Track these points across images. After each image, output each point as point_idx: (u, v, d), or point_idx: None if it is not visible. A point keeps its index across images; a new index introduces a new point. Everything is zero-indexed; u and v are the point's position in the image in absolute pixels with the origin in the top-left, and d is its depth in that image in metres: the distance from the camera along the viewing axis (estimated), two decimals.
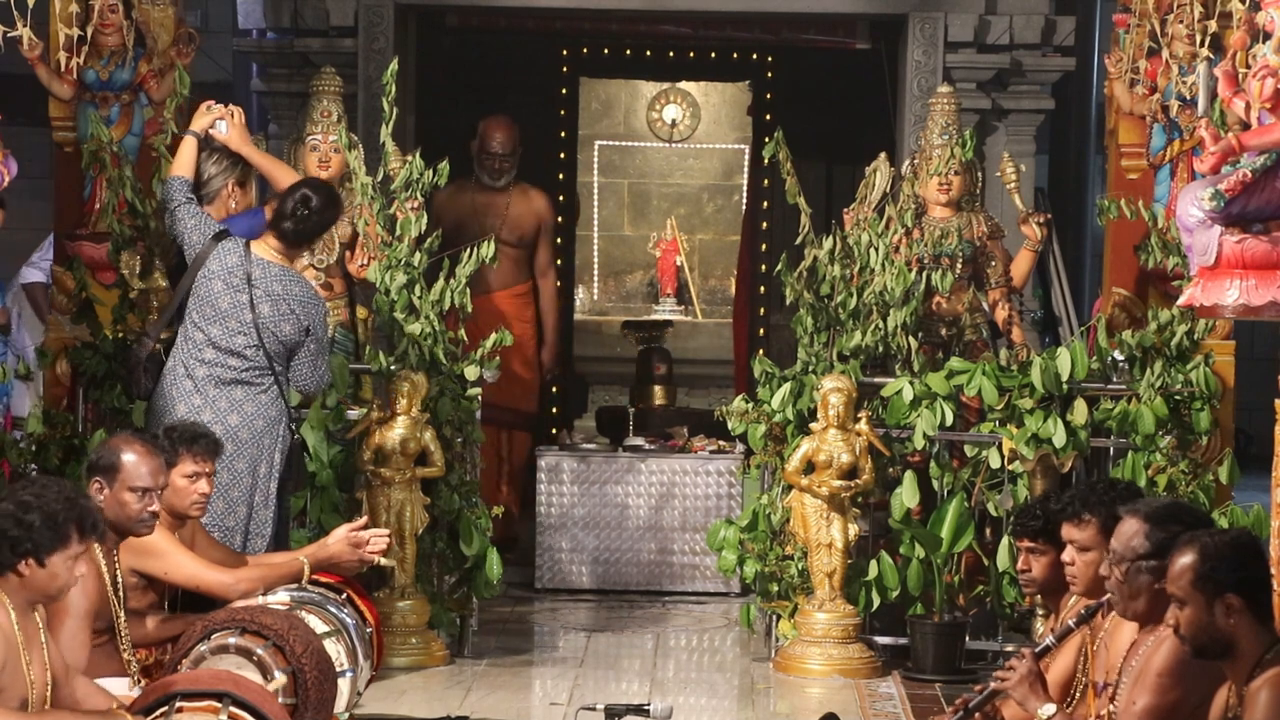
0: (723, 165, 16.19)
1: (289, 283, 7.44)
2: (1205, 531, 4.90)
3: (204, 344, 7.42)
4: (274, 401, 7.41)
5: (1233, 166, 6.12)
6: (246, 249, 7.46)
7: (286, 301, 7.38)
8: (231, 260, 7.44)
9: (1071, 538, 5.74)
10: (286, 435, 7.44)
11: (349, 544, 6.88)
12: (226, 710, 5.40)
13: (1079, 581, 5.74)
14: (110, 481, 6.16)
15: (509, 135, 10.86)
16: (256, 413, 7.33)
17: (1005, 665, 5.42)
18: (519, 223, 10.88)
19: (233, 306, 7.40)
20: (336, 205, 7.76)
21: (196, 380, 7.39)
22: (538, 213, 11.01)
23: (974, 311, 9.29)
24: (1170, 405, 8.45)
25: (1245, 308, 6.12)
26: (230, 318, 7.40)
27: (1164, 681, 4.99)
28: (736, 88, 14.78)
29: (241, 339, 7.38)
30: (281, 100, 11.04)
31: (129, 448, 6.21)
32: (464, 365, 8.62)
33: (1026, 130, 11.13)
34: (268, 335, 7.37)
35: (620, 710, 6.24)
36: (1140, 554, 5.10)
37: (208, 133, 7.95)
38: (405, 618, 8.37)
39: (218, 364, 7.39)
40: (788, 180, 8.87)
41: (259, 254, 7.45)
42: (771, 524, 8.65)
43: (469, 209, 10.73)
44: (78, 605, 5.91)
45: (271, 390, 7.43)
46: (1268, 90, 6.00)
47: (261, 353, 7.39)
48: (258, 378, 7.41)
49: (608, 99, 15.74)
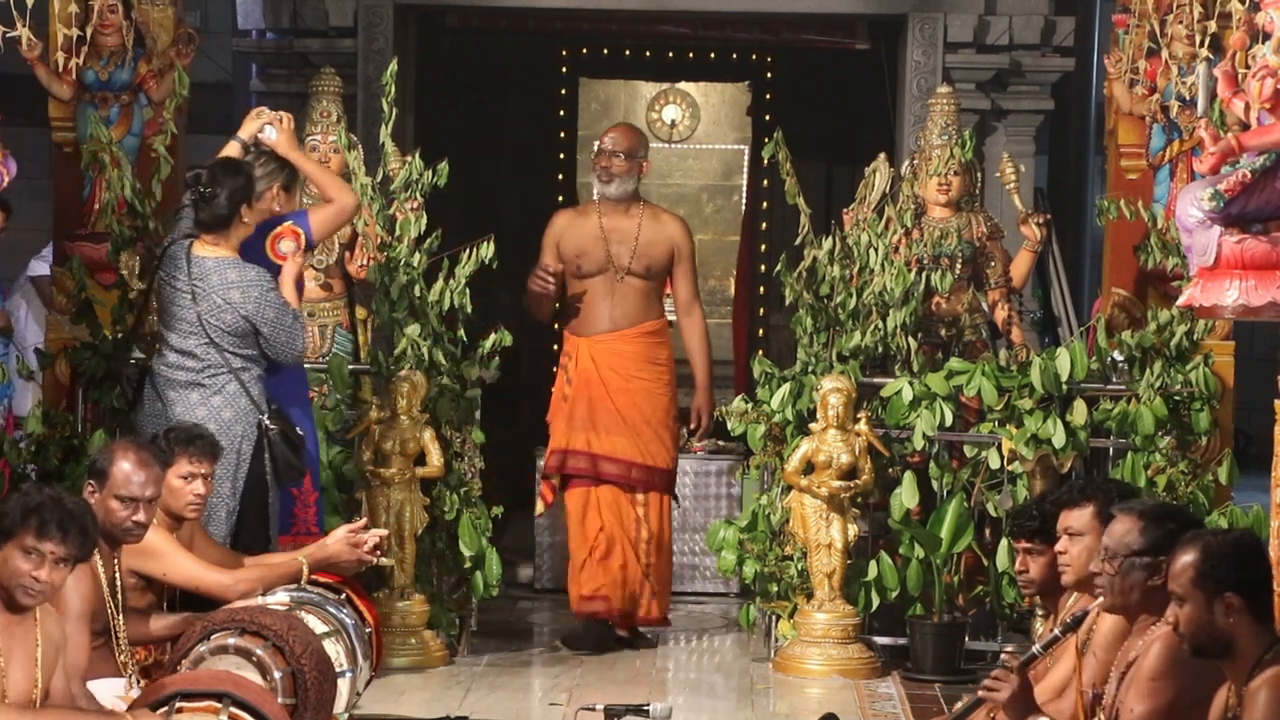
0: (722, 166, 16.18)
1: (224, 271, 7.38)
2: (1209, 530, 4.92)
3: (165, 349, 7.47)
4: (229, 402, 7.35)
5: (1232, 167, 6.12)
6: (188, 250, 7.44)
7: (221, 292, 7.35)
8: (176, 263, 7.45)
9: (1067, 525, 5.76)
10: (250, 434, 7.37)
11: (348, 544, 6.88)
12: (226, 710, 5.40)
13: (1071, 569, 5.75)
14: (100, 486, 6.18)
15: (623, 135, 9.17)
16: (208, 415, 7.29)
17: (991, 676, 5.41)
18: (648, 250, 9.09)
19: (180, 308, 7.41)
20: (234, 174, 7.51)
21: (158, 386, 7.42)
22: (670, 238, 9.18)
23: (973, 312, 9.29)
24: (1170, 406, 8.45)
25: (1245, 308, 6.12)
26: (181, 319, 7.41)
27: (1157, 685, 5.00)
28: (736, 88, 14.77)
29: (193, 339, 7.38)
30: (281, 101, 10.99)
31: (124, 456, 6.21)
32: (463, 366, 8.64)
33: (1026, 131, 11.13)
34: (213, 330, 7.35)
35: (620, 710, 6.24)
36: (1135, 550, 5.12)
37: (256, 137, 7.90)
38: (404, 618, 8.37)
39: (178, 366, 7.40)
40: (787, 181, 8.87)
41: (197, 252, 7.43)
42: (771, 524, 8.65)
43: (593, 234, 9.13)
44: (73, 608, 5.92)
45: (227, 390, 7.37)
46: (1267, 90, 6.00)
47: (213, 349, 7.37)
48: (212, 379, 7.37)
49: (607, 99, 15.73)
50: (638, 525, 8.98)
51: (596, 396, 8.95)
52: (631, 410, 8.96)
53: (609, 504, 8.98)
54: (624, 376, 8.98)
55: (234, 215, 7.46)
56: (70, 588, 5.92)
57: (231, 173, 7.53)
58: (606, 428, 8.94)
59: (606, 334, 9.03)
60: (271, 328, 7.39)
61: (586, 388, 8.97)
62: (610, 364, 8.99)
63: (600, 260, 9.04)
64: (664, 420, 9.02)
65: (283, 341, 7.43)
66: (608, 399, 8.95)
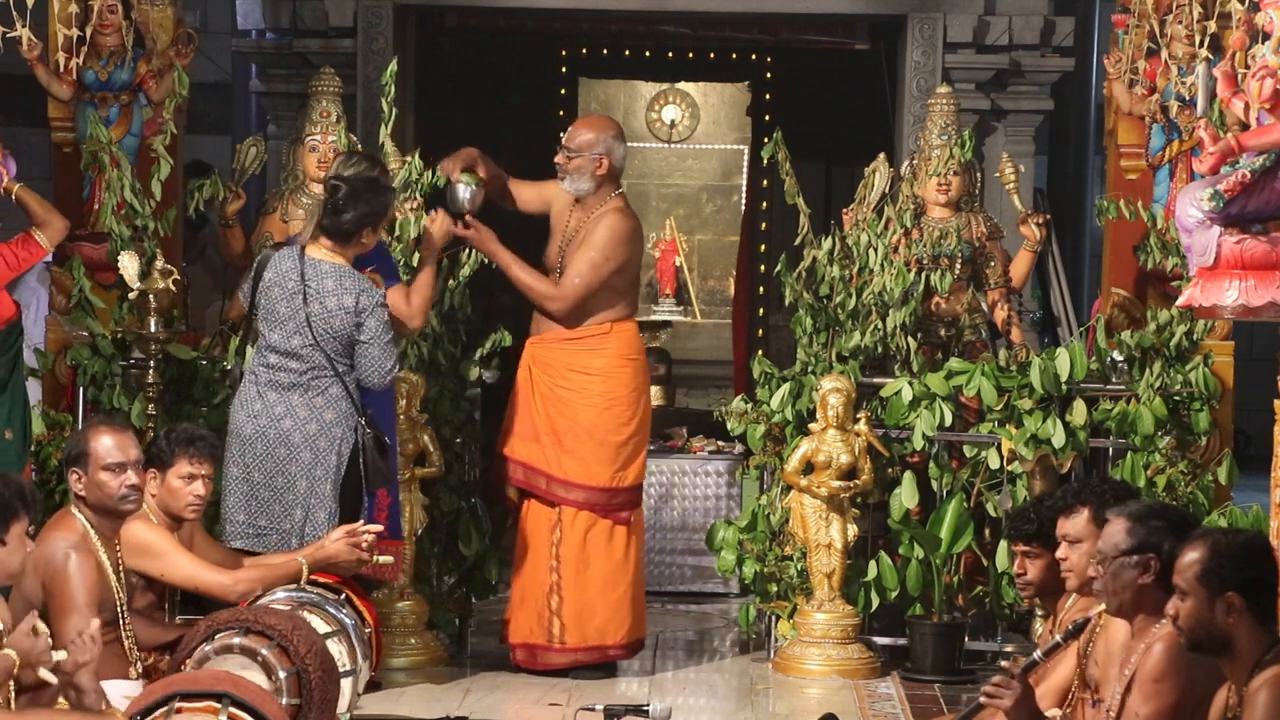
0: (722, 166, 16.18)
1: (340, 278, 7.40)
2: (1220, 529, 4.95)
3: (266, 349, 7.44)
4: (331, 404, 7.36)
5: (1232, 167, 6.12)
6: (301, 252, 7.46)
7: (336, 296, 7.36)
8: (286, 265, 7.45)
9: (1064, 531, 5.79)
10: (349, 437, 7.38)
11: (347, 544, 6.89)
12: (226, 711, 5.40)
13: (1074, 574, 5.77)
14: (85, 467, 6.21)
15: (577, 129, 8.45)
16: (310, 416, 7.32)
17: (992, 682, 5.42)
18: (575, 250, 8.39)
19: (289, 309, 7.39)
20: (374, 195, 7.50)
21: (260, 386, 7.40)
22: (592, 230, 8.40)
23: (973, 312, 9.29)
24: (1169, 406, 8.45)
25: (1244, 308, 6.13)
26: (288, 320, 7.39)
27: (1160, 687, 5.01)
28: (736, 88, 14.78)
29: (298, 339, 7.37)
30: (280, 101, 11.04)
31: (94, 431, 6.30)
32: (463, 366, 8.64)
33: (1025, 131, 11.13)
34: (320, 333, 7.35)
35: (619, 711, 6.25)
36: (1123, 550, 5.14)
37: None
38: (404, 618, 8.36)
39: (279, 368, 7.39)
40: (787, 181, 8.87)
41: (312, 254, 7.45)
42: (770, 524, 8.66)
43: (555, 224, 8.54)
44: (79, 598, 5.93)
45: (330, 393, 7.38)
46: (1267, 91, 6.00)
47: (319, 352, 7.37)
48: (316, 380, 7.37)
49: (607, 100, 15.73)
50: (554, 545, 8.31)
51: (523, 401, 8.35)
52: (558, 419, 8.29)
53: (528, 516, 8.38)
54: (549, 383, 8.31)
55: (357, 234, 7.49)
56: (75, 577, 5.94)
57: (369, 196, 7.51)
58: (523, 435, 8.31)
59: (538, 336, 8.40)
60: (371, 338, 7.38)
61: (519, 391, 8.38)
62: (539, 368, 8.36)
63: (549, 254, 8.45)
64: (590, 432, 8.26)
65: (376, 357, 7.39)
66: (533, 404, 8.32)
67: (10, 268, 8.11)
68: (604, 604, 8.26)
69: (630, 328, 8.45)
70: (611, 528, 8.30)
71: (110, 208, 8.77)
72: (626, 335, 8.42)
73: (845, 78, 12.21)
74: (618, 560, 8.30)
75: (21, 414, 8.05)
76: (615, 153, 8.39)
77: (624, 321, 8.41)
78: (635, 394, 8.36)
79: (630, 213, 8.47)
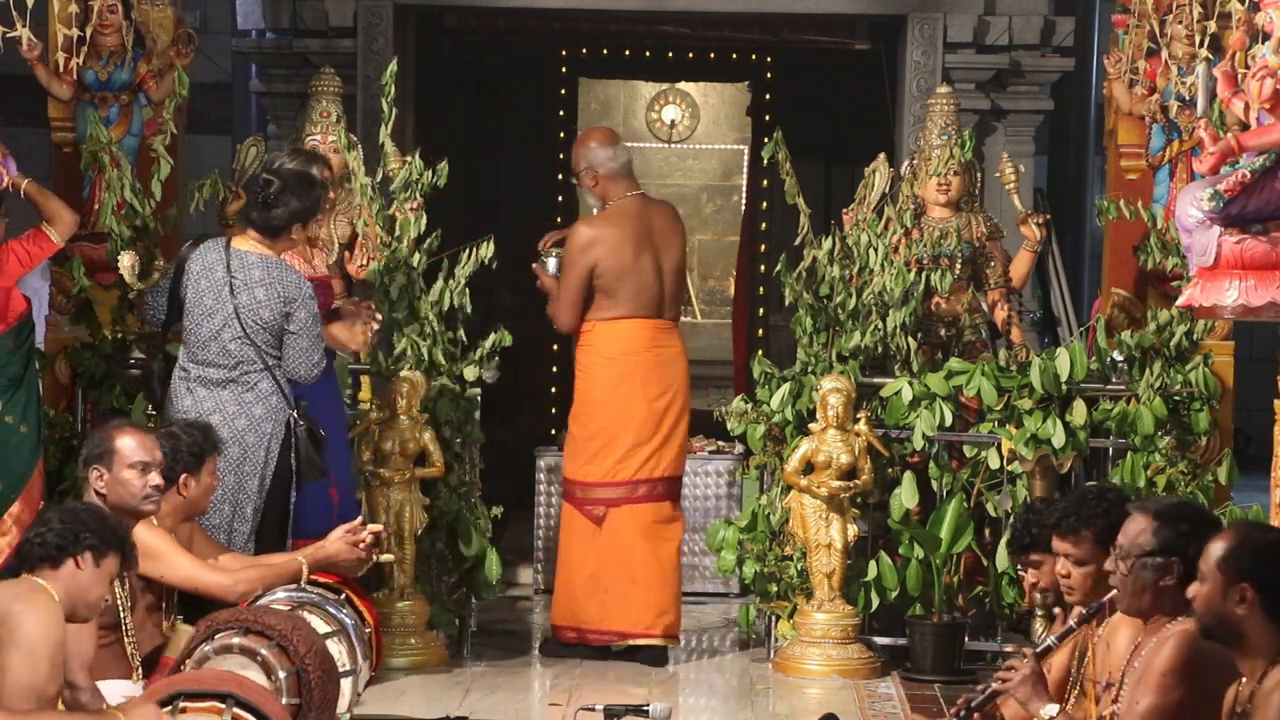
0: (722, 166, 16.20)
1: (268, 269, 7.38)
2: (1258, 524, 4.90)
3: (195, 344, 7.41)
4: (261, 399, 7.35)
5: (1232, 167, 6.13)
6: (226, 244, 7.44)
7: (265, 286, 7.34)
8: (212, 257, 7.42)
9: (1066, 552, 5.69)
10: (279, 432, 7.37)
11: (347, 544, 6.88)
12: (230, 711, 5.40)
13: (1076, 593, 5.70)
14: (109, 465, 6.22)
15: (573, 151, 8.83)
16: (238, 412, 7.30)
17: (1006, 665, 5.42)
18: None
19: (216, 301, 7.38)
20: (305, 192, 7.49)
21: (190, 382, 7.39)
22: None
23: (973, 312, 9.29)
24: (1169, 406, 8.45)
25: (1244, 308, 6.14)
26: (215, 313, 7.37)
27: (1167, 681, 4.98)
28: (736, 88, 14.78)
29: (227, 332, 7.35)
30: (280, 101, 11.04)
31: (118, 430, 6.33)
32: (463, 366, 8.64)
33: (1025, 131, 11.13)
34: (250, 324, 7.33)
35: (619, 711, 6.25)
36: (1145, 550, 5.08)
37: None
38: (404, 618, 8.37)
39: (209, 364, 7.37)
40: (787, 181, 8.87)
41: (239, 246, 7.42)
42: (771, 524, 8.66)
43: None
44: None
45: (260, 388, 7.36)
46: (1267, 91, 6.01)
47: (248, 345, 7.35)
48: (245, 375, 7.36)
49: (607, 99, 15.74)
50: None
51: None
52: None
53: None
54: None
55: (286, 230, 7.50)
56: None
57: (301, 192, 7.50)
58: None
59: None
60: (300, 328, 7.36)
61: None
62: None
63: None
64: (570, 423, 8.76)
65: (304, 349, 7.39)
66: None
67: (22, 264, 8.12)
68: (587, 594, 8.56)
69: (612, 327, 8.59)
70: (586, 523, 8.59)
71: (110, 208, 8.78)
72: (609, 334, 8.58)
73: (845, 78, 12.21)
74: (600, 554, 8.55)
75: (36, 408, 8.05)
76: (596, 160, 8.58)
77: (608, 321, 8.56)
78: (609, 392, 8.54)
79: (595, 219, 8.66)
